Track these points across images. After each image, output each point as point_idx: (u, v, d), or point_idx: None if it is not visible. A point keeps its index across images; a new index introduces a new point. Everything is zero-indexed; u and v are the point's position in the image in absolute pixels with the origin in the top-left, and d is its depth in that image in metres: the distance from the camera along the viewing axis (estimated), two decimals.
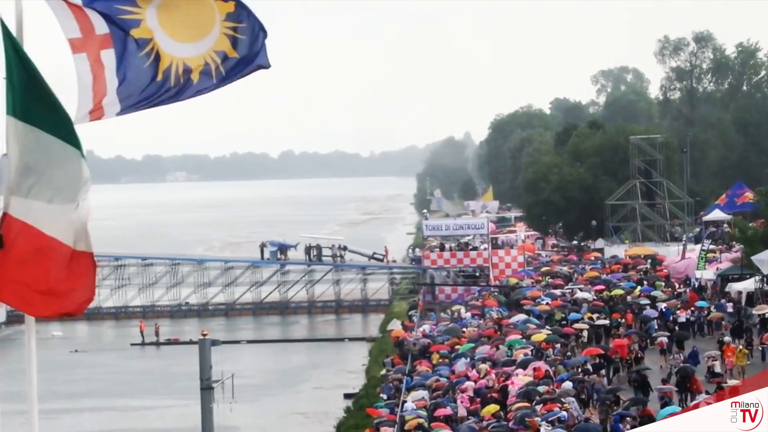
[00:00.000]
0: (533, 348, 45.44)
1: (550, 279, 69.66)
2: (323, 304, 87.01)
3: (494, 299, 64.71)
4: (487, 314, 58.76)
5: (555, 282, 67.80)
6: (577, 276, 70.33)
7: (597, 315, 52.53)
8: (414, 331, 57.87)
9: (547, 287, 65.67)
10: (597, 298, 58.33)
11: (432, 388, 41.11)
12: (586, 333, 49.43)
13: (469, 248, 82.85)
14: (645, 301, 54.70)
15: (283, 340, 76.05)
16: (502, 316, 56.53)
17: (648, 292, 57.72)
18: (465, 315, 60.67)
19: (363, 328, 79.42)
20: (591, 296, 58.79)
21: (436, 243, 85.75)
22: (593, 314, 52.64)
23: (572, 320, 51.69)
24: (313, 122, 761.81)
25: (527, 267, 77.73)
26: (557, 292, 61.94)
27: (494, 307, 60.68)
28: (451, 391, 39.92)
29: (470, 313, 60.75)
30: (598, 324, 50.72)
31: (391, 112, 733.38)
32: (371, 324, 79.53)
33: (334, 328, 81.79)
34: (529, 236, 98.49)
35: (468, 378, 41.41)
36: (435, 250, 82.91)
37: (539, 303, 57.58)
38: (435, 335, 55.08)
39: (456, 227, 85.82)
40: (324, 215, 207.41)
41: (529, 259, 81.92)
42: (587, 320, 51.52)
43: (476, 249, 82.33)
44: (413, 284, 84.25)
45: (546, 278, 70.49)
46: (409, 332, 57.66)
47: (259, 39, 7.84)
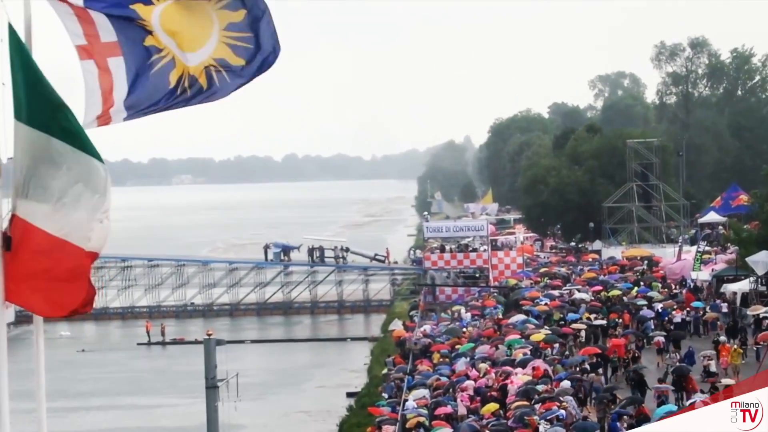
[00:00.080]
0: (532, 347, 45.31)
1: (549, 280, 69.57)
2: (326, 305, 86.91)
3: (494, 299, 64.84)
4: (488, 314, 58.98)
5: (553, 283, 67.77)
6: (575, 277, 70.37)
7: (595, 315, 52.50)
8: (415, 331, 57.91)
9: (546, 288, 65.65)
10: (595, 299, 58.38)
11: (433, 387, 41.25)
12: (584, 333, 49.40)
13: (469, 250, 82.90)
14: (642, 302, 54.63)
15: (287, 340, 76.00)
16: (501, 317, 56.81)
17: (645, 293, 57.71)
18: (465, 315, 60.70)
19: (365, 328, 79.41)
20: (589, 297, 58.81)
21: (437, 244, 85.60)
22: (591, 314, 52.61)
23: (570, 320, 51.69)
24: (316, 126, 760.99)
25: (526, 268, 77.69)
26: (555, 293, 61.90)
27: (494, 306, 61.05)
28: (452, 390, 39.96)
29: (470, 314, 60.81)
30: (596, 324, 50.67)
31: (393, 117, 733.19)
32: (373, 324, 79.58)
33: (337, 328, 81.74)
34: (528, 238, 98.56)
35: (468, 377, 41.48)
36: (435, 252, 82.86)
37: (538, 303, 57.61)
38: (435, 335, 55.13)
39: (456, 229, 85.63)
40: (327, 217, 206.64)
41: (528, 261, 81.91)
42: (585, 320, 51.49)
43: (476, 250, 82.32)
44: (414, 285, 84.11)
45: (544, 279, 70.44)
46: (411, 332, 57.68)
47: (269, 43, 7.72)
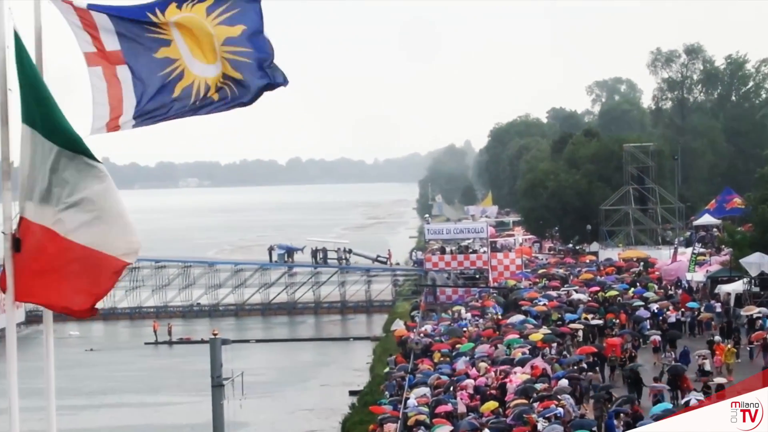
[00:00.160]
0: (531, 347, 45.60)
1: (547, 281, 70.20)
2: (329, 305, 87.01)
3: (493, 300, 65.35)
4: (488, 314, 59.63)
5: (552, 284, 68.32)
6: (573, 278, 70.81)
7: (592, 315, 53.10)
8: (416, 331, 58.36)
9: (544, 289, 66.27)
10: (592, 299, 58.89)
11: (433, 386, 41.54)
12: (582, 333, 49.95)
13: (469, 251, 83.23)
14: (638, 302, 54.97)
15: (291, 340, 76.23)
16: (500, 317, 57.49)
17: (641, 294, 58.19)
18: (465, 315, 61.21)
19: (367, 328, 79.47)
20: (586, 297, 59.37)
21: (438, 246, 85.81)
22: (588, 314, 53.14)
23: (568, 320, 52.26)
24: (320, 130, 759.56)
25: (525, 269, 78.21)
26: (554, 294, 62.49)
27: (494, 307, 61.61)
28: (452, 389, 40.33)
29: (470, 314, 61.32)
30: (593, 324, 51.28)
31: (395, 122, 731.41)
32: (375, 324, 79.70)
33: (340, 328, 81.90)
34: (527, 240, 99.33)
35: (468, 376, 41.86)
36: (436, 253, 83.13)
37: (536, 304, 58.22)
38: (436, 335, 55.59)
39: (456, 231, 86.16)
40: (330, 220, 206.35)
41: (527, 262, 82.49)
42: (583, 320, 52.09)
43: (476, 252, 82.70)
44: (415, 286, 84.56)
45: (543, 280, 71.05)
46: (412, 332, 58.04)
47: (268, 60, 7.76)
